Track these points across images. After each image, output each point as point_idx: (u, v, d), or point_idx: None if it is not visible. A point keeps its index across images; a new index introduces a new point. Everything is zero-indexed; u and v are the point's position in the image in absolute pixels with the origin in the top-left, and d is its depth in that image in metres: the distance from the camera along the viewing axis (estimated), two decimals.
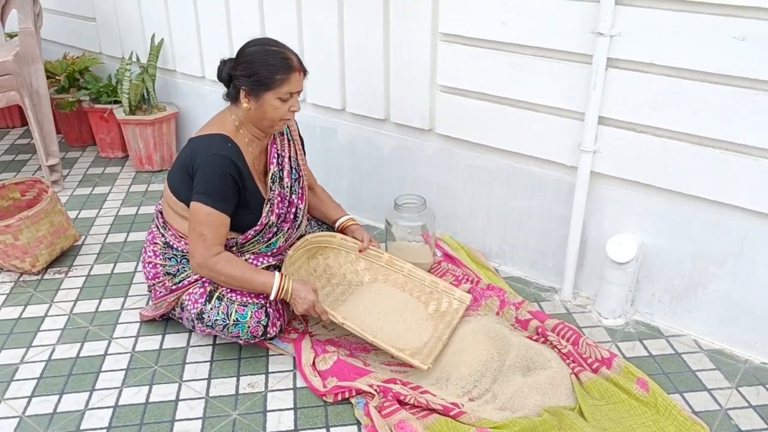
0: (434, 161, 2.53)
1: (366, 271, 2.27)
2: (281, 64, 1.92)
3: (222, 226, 1.96)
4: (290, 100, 1.96)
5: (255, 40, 2.00)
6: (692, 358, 2.04)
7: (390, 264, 2.27)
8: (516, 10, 2.11)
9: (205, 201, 1.92)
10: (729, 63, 1.80)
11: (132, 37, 3.42)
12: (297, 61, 1.96)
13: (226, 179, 1.93)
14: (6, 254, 2.40)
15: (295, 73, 1.94)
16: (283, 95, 1.94)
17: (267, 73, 1.91)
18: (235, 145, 1.97)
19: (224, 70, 1.99)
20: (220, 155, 1.92)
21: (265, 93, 1.93)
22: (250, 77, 1.92)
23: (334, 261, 2.29)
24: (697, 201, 2.00)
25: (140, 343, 2.11)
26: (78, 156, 3.54)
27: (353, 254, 2.29)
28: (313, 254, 2.26)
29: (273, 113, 1.95)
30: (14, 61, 2.83)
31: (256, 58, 1.93)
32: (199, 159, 1.93)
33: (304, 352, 2.01)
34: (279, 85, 1.92)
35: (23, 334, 2.15)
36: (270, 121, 1.98)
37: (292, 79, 1.93)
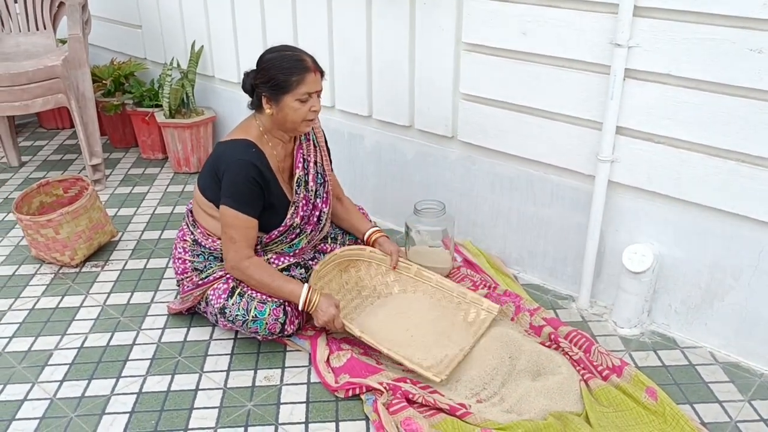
0: (456, 168, 2.58)
1: (395, 283, 2.33)
2: (296, 66, 2.00)
3: (249, 228, 2.05)
4: (310, 101, 2.03)
5: (272, 47, 2.09)
6: (706, 370, 2.03)
7: (419, 275, 2.31)
8: (536, 20, 2.15)
9: (231, 204, 2.02)
10: (745, 75, 1.80)
11: (174, 43, 3.57)
12: (312, 62, 2.03)
13: (250, 183, 2.02)
14: (47, 247, 2.54)
15: (310, 73, 2.01)
16: (301, 96, 2.01)
17: (283, 76, 1.99)
18: (259, 150, 2.05)
19: (247, 81, 2.08)
20: (244, 160, 2.01)
21: (284, 96, 2.00)
22: (268, 83, 2.01)
23: (366, 273, 2.35)
24: (713, 212, 2.00)
25: (166, 335, 2.21)
26: (121, 157, 3.70)
27: (383, 266, 2.34)
28: (344, 267, 2.32)
29: (294, 115, 2.03)
30: (62, 66, 2.99)
31: (272, 63, 2.01)
32: (224, 164, 2.03)
33: (320, 349, 2.08)
34: (296, 87, 1.99)
35: (59, 323, 2.28)
36: (293, 123, 2.05)
37: (307, 80, 2.00)
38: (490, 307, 2.19)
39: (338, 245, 2.38)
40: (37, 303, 2.39)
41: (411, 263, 2.33)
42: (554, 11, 2.10)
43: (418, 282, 2.31)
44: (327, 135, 2.75)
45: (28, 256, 2.68)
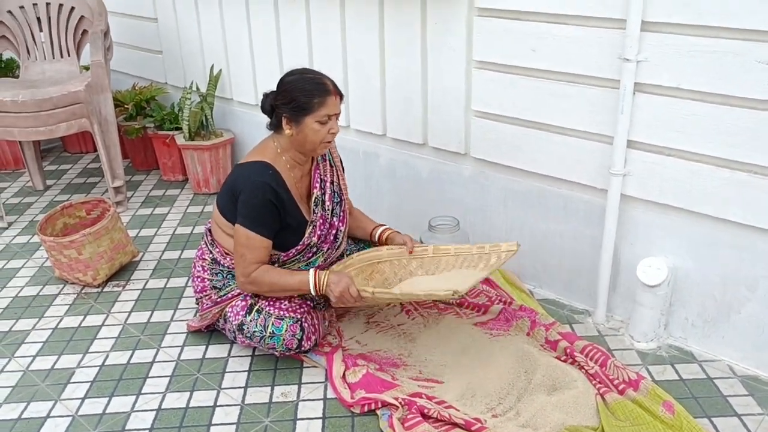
0: (470, 184, 2.60)
1: (419, 269, 2.34)
2: (317, 89, 2.04)
3: (262, 248, 2.09)
4: (329, 123, 2.07)
5: (293, 70, 2.14)
6: (724, 384, 2.02)
7: (437, 251, 2.33)
8: (545, 37, 2.17)
9: (246, 224, 2.06)
10: (752, 87, 1.81)
11: (194, 68, 3.65)
12: (332, 85, 2.08)
13: (266, 204, 2.06)
14: (71, 268, 2.60)
15: (330, 96, 2.05)
16: (322, 118, 2.05)
17: (304, 98, 2.03)
18: (276, 172, 2.10)
19: (267, 102, 2.13)
20: (260, 182, 2.05)
21: (305, 117, 2.05)
22: (289, 104, 2.05)
23: (390, 272, 2.36)
24: (726, 224, 1.99)
25: (185, 353, 2.25)
26: (143, 179, 3.78)
27: (404, 259, 2.35)
28: (369, 274, 2.33)
29: (314, 136, 2.07)
30: (85, 91, 3.08)
31: (294, 85, 2.06)
32: (241, 185, 2.08)
33: (336, 365, 2.10)
34: (317, 109, 2.04)
35: (81, 341, 2.33)
36: (312, 144, 2.10)
37: (328, 102, 2.05)
38: (509, 247, 2.22)
39: None
40: (60, 322, 2.45)
41: (426, 245, 2.35)
42: (563, 28, 2.13)
43: (439, 258, 2.32)
44: (343, 154, 2.79)
45: (51, 277, 2.75)
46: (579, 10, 2.07)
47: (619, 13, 1.98)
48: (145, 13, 3.79)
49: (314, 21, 2.87)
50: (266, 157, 2.12)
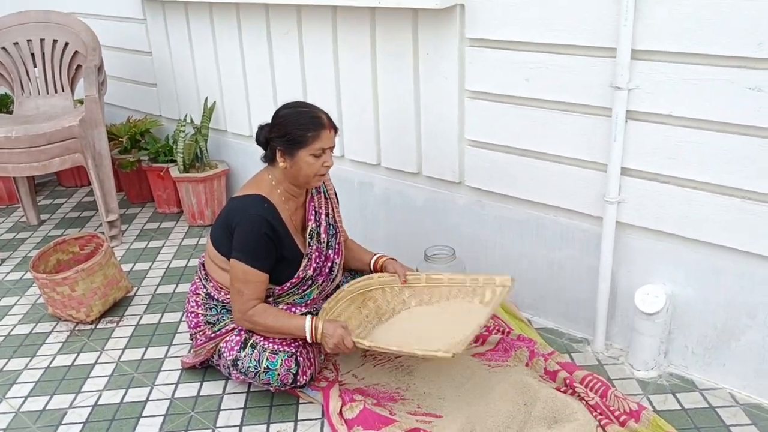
0: (465, 213, 2.59)
1: (412, 298, 2.32)
2: (312, 123, 2.04)
3: (259, 282, 2.07)
4: (323, 156, 2.07)
5: (288, 103, 2.14)
6: (727, 413, 1.99)
7: (430, 281, 2.31)
8: (537, 67, 2.18)
9: (242, 259, 2.04)
10: (745, 113, 1.81)
11: (188, 100, 3.66)
12: (327, 119, 2.08)
13: (262, 238, 2.04)
14: (64, 305, 2.58)
15: (325, 130, 2.06)
16: (316, 151, 2.05)
17: (299, 131, 2.03)
18: (271, 205, 2.08)
19: (261, 135, 2.12)
20: (256, 215, 2.04)
21: (299, 150, 2.04)
22: (284, 137, 2.05)
23: (383, 300, 2.35)
24: (724, 251, 1.98)
25: (179, 390, 2.21)
26: (137, 212, 3.76)
27: (396, 287, 2.34)
28: (361, 303, 2.32)
29: (307, 169, 2.07)
30: (79, 126, 3.08)
31: (288, 119, 2.06)
32: (236, 219, 2.06)
33: (332, 401, 2.06)
34: (311, 142, 2.04)
35: (74, 380, 2.30)
36: (305, 177, 2.09)
37: (322, 136, 2.05)
38: (503, 281, 2.20)
39: None
40: (53, 361, 2.41)
41: (419, 273, 2.33)
42: (555, 57, 2.14)
43: (432, 288, 2.30)
44: (337, 184, 2.78)
45: (44, 314, 2.72)
46: (570, 39, 2.08)
47: (609, 42, 1.99)
48: (140, 47, 3.81)
49: (307, 52, 2.88)
50: (261, 190, 2.11)
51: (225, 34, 3.24)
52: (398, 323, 2.25)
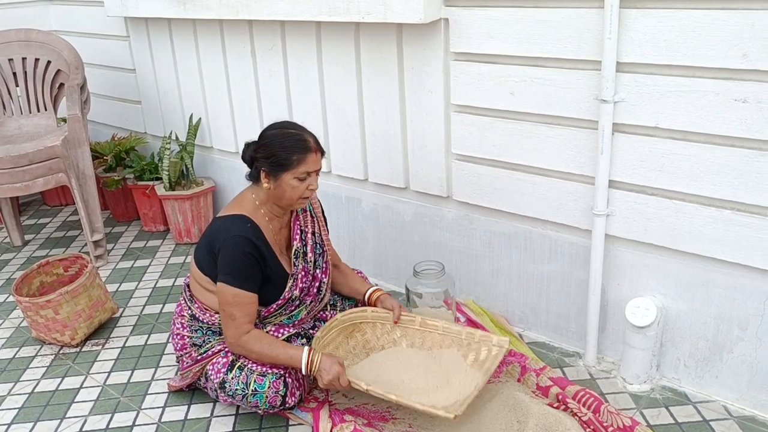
0: (454, 227, 2.57)
1: (403, 338, 2.29)
2: (298, 146, 2.01)
3: (250, 304, 2.04)
4: (308, 179, 2.04)
5: (275, 123, 2.11)
6: (721, 426, 1.97)
7: (424, 325, 2.28)
8: (522, 80, 2.17)
9: (230, 282, 2.01)
10: (732, 125, 1.80)
11: (173, 117, 3.63)
12: (314, 143, 2.05)
13: (247, 258, 2.01)
14: (47, 328, 2.53)
15: (311, 154, 2.02)
16: (300, 175, 2.02)
17: (284, 154, 2.00)
18: (254, 225, 2.06)
19: (247, 153, 2.09)
20: (239, 236, 2.01)
21: (283, 173, 2.01)
22: (269, 159, 2.02)
23: (372, 335, 2.32)
24: (713, 263, 1.97)
25: (167, 414, 2.17)
26: (123, 230, 3.72)
27: (388, 324, 2.31)
28: (350, 333, 2.30)
29: (291, 192, 2.04)
30: (62, 146, 3.04)
31: (274, 140, 2.03)
32: (220, 240, 2.03)
33: (322, 422, 2.03)
34: (296, 166, 2.01)
35: (59, 406, 2.25)
36: (289, 200, 2.06)
37: (308, 160, 2.02)
38: (500, 342, 2.15)
39: (338, 311, 2.36)
40: (37, 386, 2.36)
41: (414, 315, 2.30)
42: (540, 70, 2.13)
43: (425, 332, 2.27)
44: (325, 200, 2.76)
45: (28, 338, 2.67)
46: (555, 53, 2.07)
47: (594, 54, 1.98)
48: (123, 64, 3.78)
49: (291, 68, 2.86)
50: (244, 210, 2.08)
51: (209, 51, 3.22)
52: (386, 359, 2.20)
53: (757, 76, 1.74)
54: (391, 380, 2.07)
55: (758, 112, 1.75)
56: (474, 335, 2.19)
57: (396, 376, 2.10)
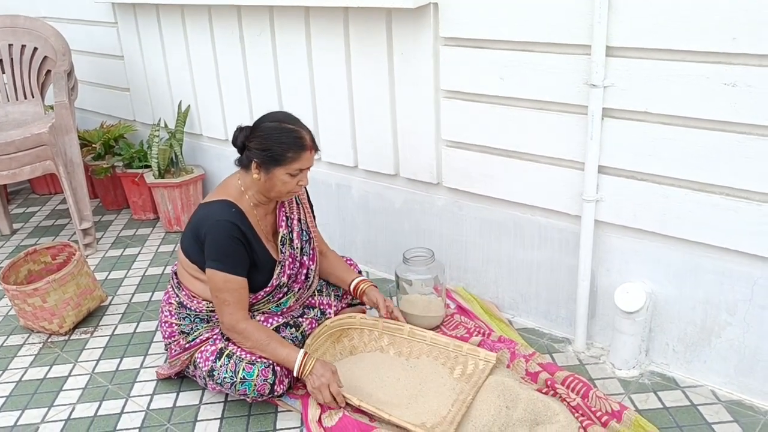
0: (444, 214, 2.56)
1: (390, 346, 2.29)
2: (294, 143, 1.99)
3: (241, 288, 2.03)
4: (299, 176, 2.03)
5: (272, 114, 2.09)
6: (709, 410, 1.97)
7: (412, 335, 2.27)
8: (512, 65, 2.16)
9: (218, 267, 2.00)
10: (721, 109, 1.79)
11: (162, 104, 3.60)
12: (310, 140, 2.03)
13: (234, 243, 2.00)
14: (35, 316, 2.51)
15: (306, 152, 2.01)
16: (293, 171, 2.01)
17: (280, 150, 1.98)
18: (239, 210, 2.04)
19: (239, 138, 2.06)
20: (224, 221, 2.00)
21: (276, 168, 2.00)
22: (263, 151, 2.00)
23: (359, 341, 2.32)
24: (702, 248, 1.97)
25: (155, 401, 2.16)
26: (113, 219, 3.69)
27: (376, 331, 2.31)
28: (337, 338, 2.30)
29: (281, 187, 2.03)
30: (49, 133, 3.01)
31: (270, 134, 2.00)
32: (205, 226, 2.02)
33: (311, 408, 2.03)
34: (290, 163, 1.99)
35: (47, 394, 2.24)
36: (278, 193, 2.06)
37: (302, 158, 2.01)
38: (488, 357, 2.15)
39: (324, 297, 2.35)
40: (25, 374, 2.35)
41: (403, 324, 2.30)
42: (529, 55, 2.11)
43: (412, 342, 2.27)
44: (314, 187, 2.75)
45: (16, 326, 2.65)
46: (544, 37, 2.05)
47: (584, 39, 1.97)
48: (111, 51, 3.74)
49: (281, 54, 2.84)
50: (229, 196, 2.07)
51: (197, 37, 3.19)
52: (369, 362, 2.21)
53: (746, 60, 1.73)
54: (381, 390, 2.08)
55: (747, 96, 1.74)
56: (462, 348, 2.19)
57: (372, 382, 2.11)
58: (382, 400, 2.03)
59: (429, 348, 2.24)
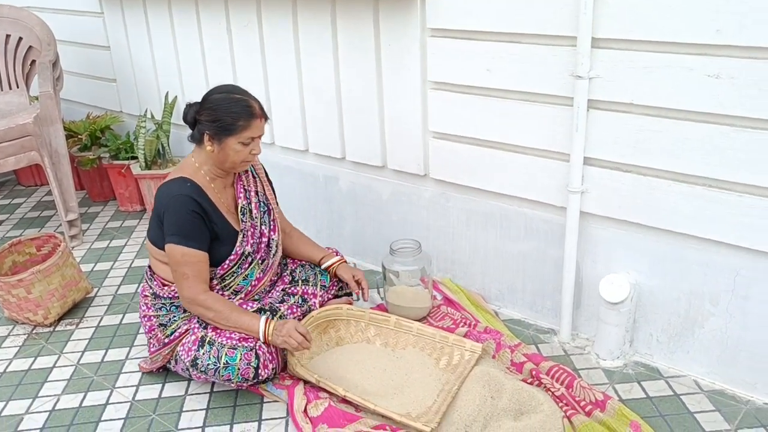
0: (431, 205, 2.56)
1: (377, 337, 2.30)
2: (243, 111, 2.03)
3: (200, 262, 2.05)
4: (251, 144, 2.07)
5: (220, 87, 2.12)
6: (691, 400, 1.99)
7: (398, 326, 2.28)
8: (499, 56, 2.16)
9: (177, 241, 2.02)
10: (705, 101, 1.81)
11: (149, 95, 3.58)
12: (258, 108, 2.07)
13: (191, 216, 2.03)
14: (20, 307, 2.50)
15: (256, 119, 2.05)
16: (245, 140, 2.04)
17: (230, 119, 2.02)
18: (194, 184, 2.07)
19: (189, 113, 2.10)
20: (180, 195, 2.03)
21: (227, 138, 2.03)
22: (213, 123, 2.03)
23: (346, 332, 2.32)
24: (686, 239, 1.98)
25: (140, 393, 2.16)
26: (99, 210, 3.67)
27: (363, 322, 2.32)
28: (324, 329, 2.30)
29: (234, 156, 2.06)
30: (34, 123, 2.99)
31: (220, 105, 2.04)
32: (163, 205, 2.06)
33: (297, 399, 2.03)
34: (240, 131, 2.03)
35: (31, 385, 2.23)
36: (232, 164, 2.09)
37: (253, 125, 2.04)
38: (473, 347, 2.16)
39: (310, 287, 2.34)
40: (9, 366, 2.34)
41: (389, 316, 2.30)
42: (516, 46, 2.12)
43: (399, 333, 2.27)
44: (302, 178, 2.75)
45: (0, 318, 2.63)
46: (531, 28, 2.06)
47: (569, 30, 1.97)
48: (97, 41, 3.71)
49: (268, 46, 2.83)
50: (184, 173, 2.11)
51: (184, 28, 3.17)
52: (355, 353, 2.21)
53: (729, 52, 1.74)
54: (367, 380, 2.08)
55: (731, 88, 1.75)
56: (447, 338, 2.20)
57: (358, 373, 2.11)
58: (368, 390, 2.04)
59: (415, 339, 2.25)
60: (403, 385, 2.07)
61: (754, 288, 1.90)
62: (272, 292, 2.27)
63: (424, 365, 2.15)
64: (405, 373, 2.12)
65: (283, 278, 2.34)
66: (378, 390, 2.05)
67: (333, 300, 2.40)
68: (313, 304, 2.31)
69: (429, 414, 1.92)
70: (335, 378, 2.07)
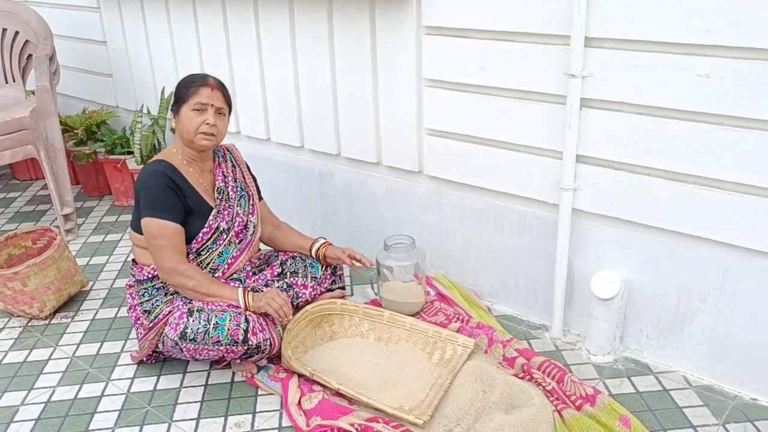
0: (425, 202, 2.59)
1: (370, 332, 2.32)
2: (195, 81, 2.17)
3: (177, 234, 2.11)
4: (205, 114, 2.13)
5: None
6: (680, 395, 2.02)
7: (392, 321, 2.31)
8: (493, 54, 2.18)
9: (152, 215, 2.09)
10: (695, 100, 1.83)
11: (145, 90, 3.59)
12: (213, 81, 2.19)
13: (164, 189, 2.10)
14: (15, 300, 2.51)
15: (206, 87, 2.15)
16: (196, 106, 2.13)
17: (184, 89, 2.17)
18: (168, 163, 2.17)
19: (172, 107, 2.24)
20: (154, 171, 2.13)
21: (182, 107, 2.15)
22: (174, 99, 2.20)
23: (339, 327, 2.35)
24: (676, 236, 2.01)
25: (135, 385, 2.17)
26: (95, 205, 3.68)
27: (356, 317, 2.34)
28: (318, 323, 2.32)
29: (188, 124, 2.14)
30: (31, 117, 2.99)
31: (180, 82, 2.20)
32: (138, 184, 2.14)
33: (291, 391, 2.05)
34: (191, 97, 2.13)
35: (27, 377, 2.24)
36: (188, 134, 2.15)
37: (201, 92, 2.14)
38: (466, 342, 2.18)
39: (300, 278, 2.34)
40: (4, 358, 2.35)
41: (383, 311, 2.32)
42: (510, 45, 2.14)
43: (392, 328, 2.30)
44: (297, 174, 2.76)
45: None
46: (525, 27, 2.08)
47: (563, 29, 2.00)
48: (94, 36, 3.72)
49: (264, 42, 2.84)
50: (161, 156, 2.21)
51: (181, 24, 3.18)
52: (349, 347, 2.24)
53: (719, 52, 1.76)
54: (360, 373, 2.11)
55: (720, 87, 1.78)
56: (440, 333, 2.22)
57: (351, 367, 2.14)
58: (362, 384, 2.06)
59: (408, 333, 2.27)
60: (396, 378, 2.09)
61: (743, 285, 1.92)
62: (257, 278, 2.31)
63: (417, 359, 2.17)
64: (398, 367, 2.14)
65: (272, 268, 2.36)
66: (371, 383, 2.07)
67: (326, 294, 2.41)
68: (302, 295, 2.33)
69: (421, 407, 1.95)
70: (329, 371, 2.09)
